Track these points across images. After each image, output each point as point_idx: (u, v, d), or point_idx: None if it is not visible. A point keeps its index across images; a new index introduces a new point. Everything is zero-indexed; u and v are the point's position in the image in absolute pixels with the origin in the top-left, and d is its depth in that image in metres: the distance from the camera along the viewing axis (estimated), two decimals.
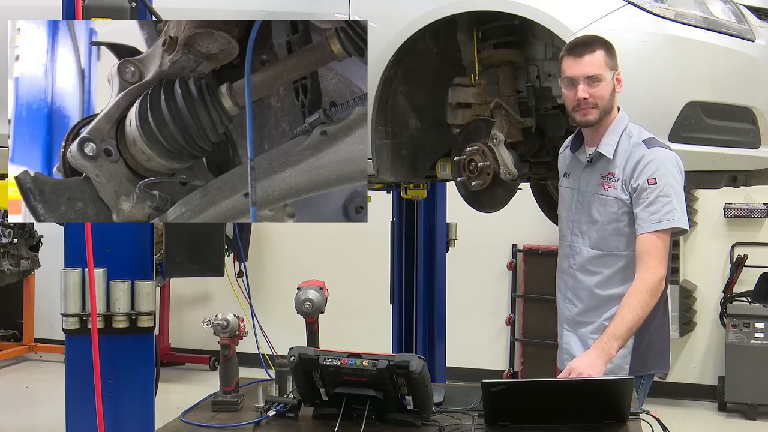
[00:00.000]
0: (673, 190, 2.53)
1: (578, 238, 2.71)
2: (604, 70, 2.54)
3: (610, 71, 2.55)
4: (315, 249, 6.93)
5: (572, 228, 2.74)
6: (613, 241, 2.63)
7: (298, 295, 2.56)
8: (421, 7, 2.89)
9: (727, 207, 6.09)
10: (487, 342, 6.67)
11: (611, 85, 2.57)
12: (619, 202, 2.60)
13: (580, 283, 2.72)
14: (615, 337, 2.48)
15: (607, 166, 2.63)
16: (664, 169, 2.54)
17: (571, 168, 2.77)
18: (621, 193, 2.59)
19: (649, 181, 2.52)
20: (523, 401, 2.27)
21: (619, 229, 2.62)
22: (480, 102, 3.05)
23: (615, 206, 2.61)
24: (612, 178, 2.61)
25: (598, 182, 2.64)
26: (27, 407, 6.27)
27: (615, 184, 2.60)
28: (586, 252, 2.69)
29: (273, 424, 2.35)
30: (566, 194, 2.78)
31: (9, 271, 6.67)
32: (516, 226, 6.35)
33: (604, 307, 2.67)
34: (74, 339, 2.52)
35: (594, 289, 2.68)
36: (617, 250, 2.64)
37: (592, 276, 2.68)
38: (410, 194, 4.34)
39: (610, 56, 2.56)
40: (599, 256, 2.67)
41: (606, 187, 2.62)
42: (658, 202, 2.52)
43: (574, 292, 2.75)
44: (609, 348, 2.47)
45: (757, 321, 5.73)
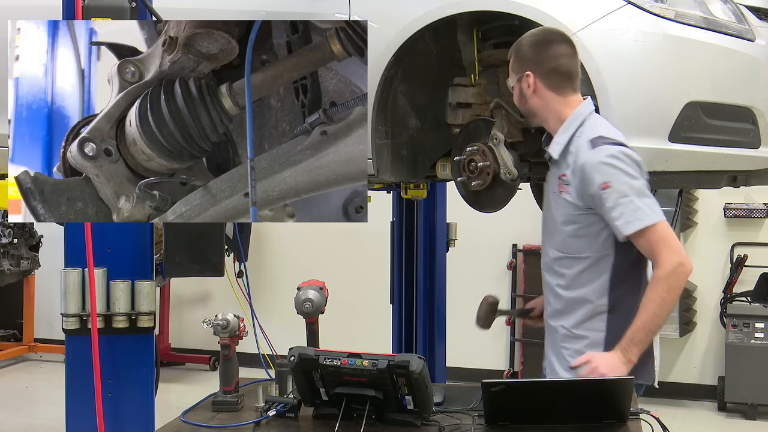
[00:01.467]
0: (630, 187, 2.41)
1: (546, 237, 2.67)
2: (509, 78, 2.60)
3: (515, 76, 2.57)
4: (315, 249, 6.93)
5: (543, 227, 2.69)
6: (571, 243, 2.55)
7: (298, 295, 2.56)
8: (421, 7, 2.89)
9: (727, 207, 6.09)
10: (487, 342, 6.66)
11: (518, 89, 2.57)
12: (572, 205, 2.52)
13: (548, 283, 2.66)
14: (634, 342, 2.40)
15: (561, 167, 2.56)
16: (613, 169, 2.42)
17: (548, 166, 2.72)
18: (575, 198, 2.50)
19: (602, 186, 2.41)
20: (523, 401, 2.27)
21: (575, 232, 2.53)
22: (480, 102, 3.04)
23: (569, 208, 2.53)
24: (565, 180, 2.53)
25: (557, 182, 2.58)
26: (27, 407, 6.27)
27: (567, 187, 2.52)
28: (551, 252, 2.62)
29: (273, 424, 2.35)
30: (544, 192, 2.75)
31: (9, 271, 6.68)
32: (516, 226, 6.35)
33: (569, 309, 2.57)
34: (74, 339, 2.52)
35: (557, 289, 2.60)
36: (577, 252, 2.54)
37: (558, 277, 2.61)
38: (410, 194, 4.34)
39: (515, 61, 2.57)
40: (561, 257, 2.58)
41: (560, 190, 2.55)
42: (620, 204, 2.40)
43: (545, 291, 2.69)
44: (629, 354, 2.40)
45: (757, 321, 5.73)
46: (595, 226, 2.50)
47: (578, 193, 2.49)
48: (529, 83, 2.54)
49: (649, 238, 2.41)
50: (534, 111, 2.59)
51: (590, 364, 2.42)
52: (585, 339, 2.55)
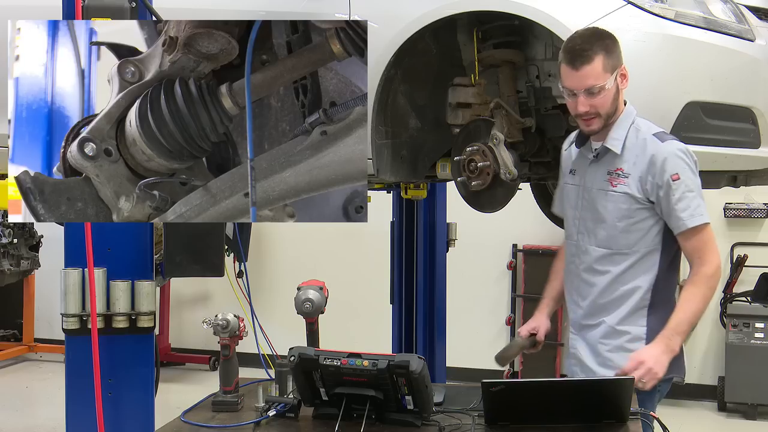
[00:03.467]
0: (694, 183, 2.49)
1: (584, 236, 2.65)
2: (604, 79, 2.45)
3: (612, 75, 2.46)
4: (315, 249, 6.93)
5: (578, 226, 2.67)
6: (622, 239, 2.56)
7: (298, 295, 2.56)
8: (421, 7, 2.89)
9: (727, 207, 6.09)
10: (487, 342, 6.65)
11: (614, 88, 2.49)
12: (630, 198, 2.53)
13: (586, 283, 2.65)
14: (677, 333, 2.46)
15: (615, 162, 2.55)
16: (683, 164, 2.48)
17: (577, 164, 2.69)
18: (634, 190, 2.52)
19: (673, 177, 2.46)
20: (523, 401, 2.26)
21: (630, 226, 2.54)
22: (480, 102, 3.05)
23: (625, 203, 2.53)
24: (621, 174, 2.54)
25: (605, 178, 2.57)
26: (27, 407, 6.27)
27: (625, 180, 2.53)
28: (593, 251, 2.61)
29: (273, 424, 2.35)
30: (572, 192, 2.71)
31: (9, 271, 6.68)
32: (516, 226, 6.35)
33: (612, 306, 2.59)
34: (74, 339, 2.52)
35: (600, 289, 2.61)
36: (627, 247, 2.56)
37: (600, 276, 2.61)
38: (410, 194, 4.34)
39: (611, 56, 2.45)
40: (607, 254, 2.59)
41: (614, 183, 2.55)
42: (686, 197, 2.47)
43: (579, 292, 2.68)
44: (672, 344, 2.45)
45: (757, 321, 5.73)
46: (649, 221, 2.54)
47: (641, 183, 2.51)
48: (624, 76, 2.52)
49: (701, 237, 2.49)
50: (618, 109, 2.56)
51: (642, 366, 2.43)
52: (627, 334, 2.58)
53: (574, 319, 2.71)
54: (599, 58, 2.44)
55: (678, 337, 2.46)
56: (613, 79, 2.48)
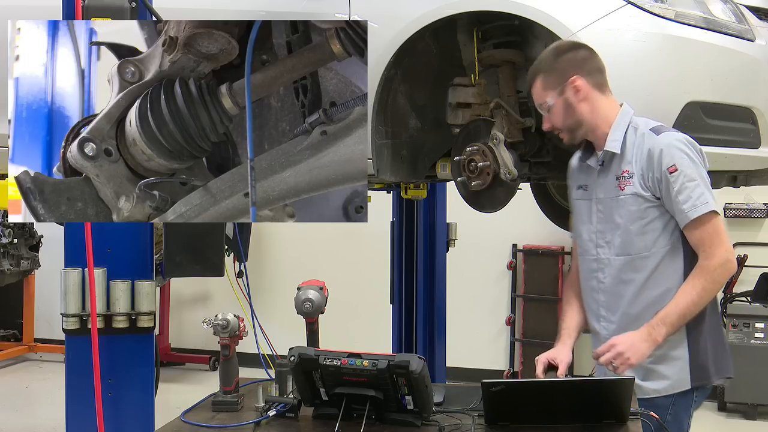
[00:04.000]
0: (697, 173, 2.43)
1: (604, 249, 2.58)
2: (545, 97, 2.52)
3: (554, 91, 2.50)
4: (315, 249, 6.94)
5: (596, 240, 2.60)
6: (638, 242, 2.50)
7: (298, 295, 2.56)
8: (421, 7, 2.89)
9: (727, 207, 6.09)
10: (487, 342, 6.67)
11: (561, 103, 2.50)
12: (638, 199, 2.49)
13: (614, 295, 2.57)
14: (664, 323, 2.39)
15: (620, 165, 2.52)
16: (681, 153, 2.43)
17: (585, 179, 2.66)
18: (639, 189, 2.48)
19: (670, 169, 2.42)
20: (523, 401, 2.26)
21: (643, 227, 2.49)
22: (480, 102, 3.04)
23: (635, 204, 2.49)
24: (627, 175, 2.50)
25: (615, 184, 2.54)
26: (27, 407, 6.27)
27: (631, 180, 2.50)
28: (614, 261, 2.55)
29: (273, 424, 2.35)
30: (582, 207, 2.66)
31: (9, 271, 6.69)
32: (516, 226, 6.36)
33: (645, 315, 2.49)
34: (74, 339, 2.52)
35: (629, 299, 2.54)
36: (645, 249, 2.50)
37: (625, 285, 2.54)
38: (410, 194, 4.34)
39: (549, 74, 2.50)
40: (627, 261, 2.53)
41: (623, 187, 2.51)
42: (687, 188, 2.41)
43: (608, 308, 2.60)
44: (656, 334, 2.39)
45: (757, 321, 5.73)
46: (662, 219, 2.49)
47: (644, 180, 2.48)
48: (577, 88, 2.50)
49: (706, 228, 2.42)
50: (581, 120, 2.53)
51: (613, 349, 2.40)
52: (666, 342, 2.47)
53: (606, 336, 2.58)
54: (538, 79, 2.54)
55: (663, 328, 2.39)
56: (556, 94, 2.51)
